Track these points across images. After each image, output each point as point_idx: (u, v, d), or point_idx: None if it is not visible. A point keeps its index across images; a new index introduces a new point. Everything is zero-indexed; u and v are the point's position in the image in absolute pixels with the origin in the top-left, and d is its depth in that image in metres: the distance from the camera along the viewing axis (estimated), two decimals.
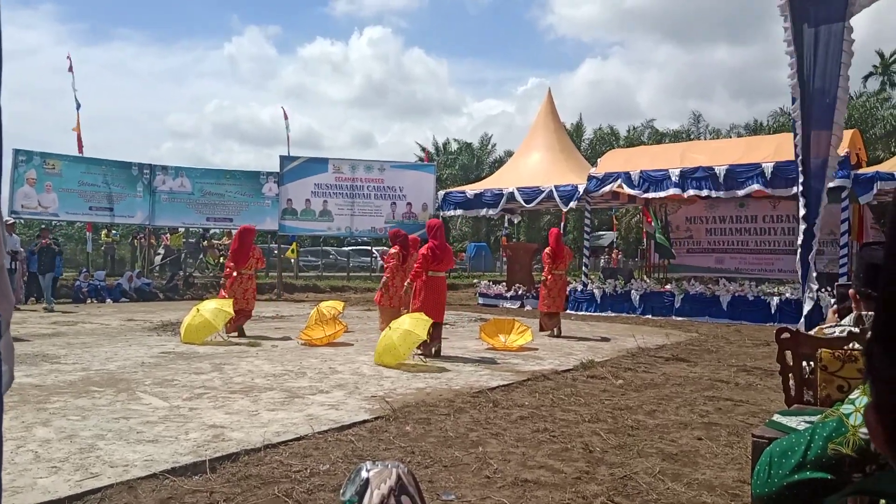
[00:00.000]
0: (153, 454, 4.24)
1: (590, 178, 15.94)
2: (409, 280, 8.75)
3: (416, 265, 8.69)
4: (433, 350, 8.65)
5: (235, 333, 10.09)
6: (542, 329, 11.02)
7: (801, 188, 5.12)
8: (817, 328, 3.28)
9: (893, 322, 0.63)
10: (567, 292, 11.29)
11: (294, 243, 22.54)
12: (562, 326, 11.13)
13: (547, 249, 11.22)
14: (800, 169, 5.10)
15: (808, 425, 2.25)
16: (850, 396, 1.74)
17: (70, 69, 19.34)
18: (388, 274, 9.69)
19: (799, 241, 5.12)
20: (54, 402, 5.59)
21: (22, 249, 15.28)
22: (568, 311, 14.80)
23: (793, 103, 5.18)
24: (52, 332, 10.47)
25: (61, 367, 7.33)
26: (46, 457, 4.14)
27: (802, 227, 5.08)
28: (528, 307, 16.55)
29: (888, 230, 0.66)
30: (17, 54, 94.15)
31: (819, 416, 2.19)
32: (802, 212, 5.07)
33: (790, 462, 1.97)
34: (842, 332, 2.84)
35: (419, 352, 8.51)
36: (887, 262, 0.64)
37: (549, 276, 11.00)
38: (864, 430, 1.87)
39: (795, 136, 5.21)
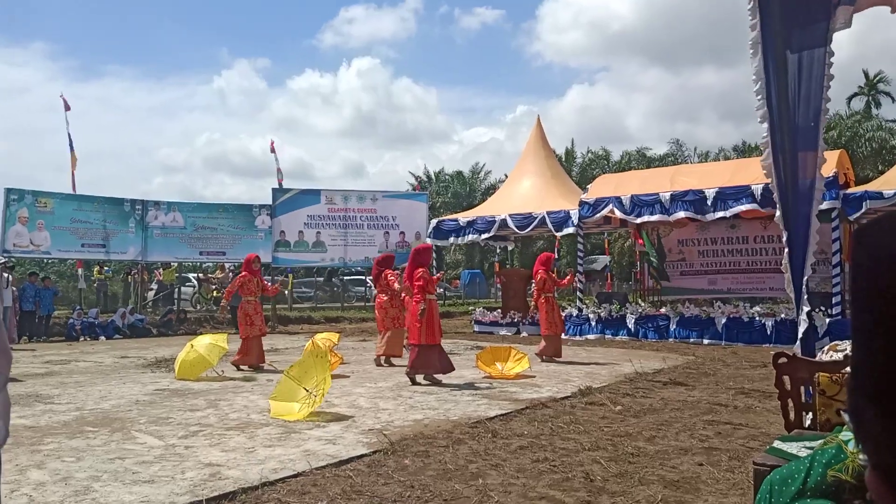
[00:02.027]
0: (149, 495, 4.19)
1: (581, 203, 16.04)
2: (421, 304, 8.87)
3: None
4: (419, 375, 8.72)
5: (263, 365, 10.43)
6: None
7: (781, 211, 5.17)
8: (829, 346, 3.27)
9: (892, 378, 0.59)
10: (556, 315, 11.29)
11: (290, 275, 22.58)
12: (556, 352, 11.12)
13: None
14: (776, 194, 5.16)
15: (808, 451, 2.25)
16: None
17: (67, 109, 19.41)
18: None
19: (785, 263, 5.15)
20: (48, 444, 5.53)
21: (14, 289, 15.20)
22: (563, 336, 14.77)
23: (770, 126, 5.23)
24: (45, 371, 10.38)
25: (55, 407, 7.25)
26: (41, 500, 4.08)
27: (787, 249, 5.12)
28: (523, 334, 16.52)
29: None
30: (7, 93, 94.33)
31: (819, 442, 2.19)
32: (786, 234, 5.12)
33: (790, 490, 1.97)
34: (829, 358, 2.85)
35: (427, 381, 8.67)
36: (884, 308, 0.61)
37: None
38: (864, 456, 1.87)
39: (775, 159, 5.25)
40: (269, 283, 11.99)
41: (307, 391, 6.65)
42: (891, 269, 0.59)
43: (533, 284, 11.81)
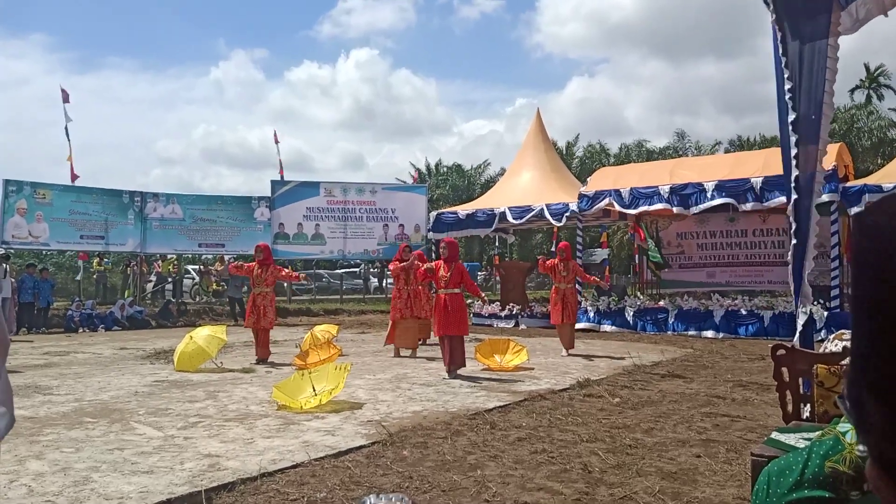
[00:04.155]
0: (148, 485, 4.19)
1: (581, 196, 16.03)
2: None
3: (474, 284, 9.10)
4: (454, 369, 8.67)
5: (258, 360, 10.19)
6: None
7: (792, 203, 5.16)
8: (835, 335, 3.27)
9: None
10: (555, 305, 11.18)
11: (290, 267, 22.55)
12: (564, 343, 11.10)
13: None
14: (792, 185, 5.14)
15: (806, 443, 2.26)
16: None
17: (65, 100, 19.38)
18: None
19: (790, 256, 5.14)
20: (47, 435, 5.54)
21: (13, 280, 15.19)
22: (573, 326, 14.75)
23: (781, 118, 5.23)
24: (44, 362, 10.39)
25: (54, 398, 7.26)
26: (40, 491, 4.09)
27: (793, 241, 5.11)
28: (522, 326, 16.53)
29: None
30: (6, 85, 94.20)
31: (817, 434, 2.20)
32: (794, 227, 5.09)
33: (788, 481, 1.97)
34: (836, 347, 2.85)
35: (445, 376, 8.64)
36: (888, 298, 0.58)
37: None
38: (861, 447, 1.87)
39: (787, 150, 5.24)
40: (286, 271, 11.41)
41: (314, 392, 6.67)
42: (894, 252, 0.58)
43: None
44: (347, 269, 31.35)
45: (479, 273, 33.35)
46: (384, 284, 29.98)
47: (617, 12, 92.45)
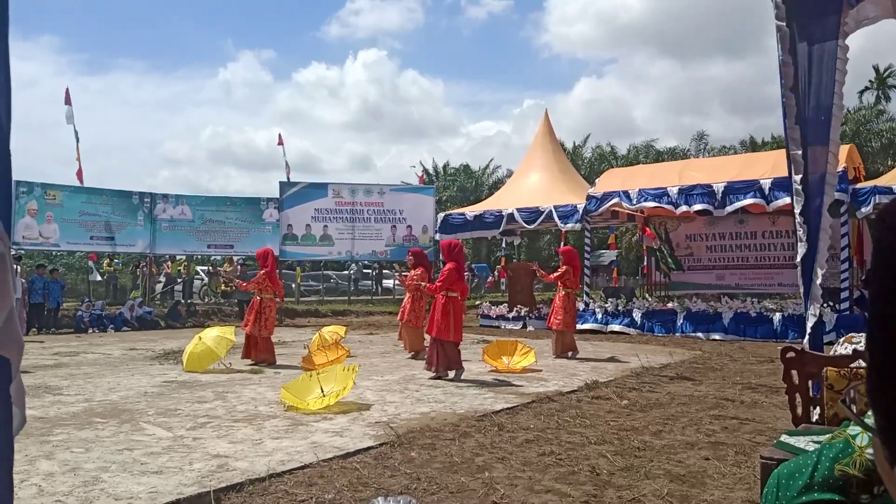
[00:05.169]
0: (157, 486, 4.21)
1: (589, 197, 16.00)
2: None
3: (438, 282, 8.66)
4: (448, 372, 8.59)
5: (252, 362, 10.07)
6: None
7: (800, 206, 5.12)
8: (845, 338, 3.25)
9: None
10: (563, 309, 11.05)
11: (297, 268, 22.68)
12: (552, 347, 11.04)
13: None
14: (798, 186, 5.10)
15: (816, 446, 2.25)
16: None
17: (68, 101, 19.56)
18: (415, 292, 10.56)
19: (798, 258, 5.11)
20: (57, 435, 5.57)
21: (23, 280, 15.28)
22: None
23: (786, 120, 5.19)
24: (53, 362, 10.45)
25: (64, 398, 7.30)
26: (50, 490, 4.11)
27: (801, 244, 5.07)
28: (530, 328, 16.51)
29: None
30: (16, 86, 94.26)
31: (826, 437, 2.19)
32: (801, 230, 5.06)
33: (798, 484, 1.96)
34: (846, 350, 2.84)
35: (432, 374, 8.55)
36: None
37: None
38: (871, 450, 1.86)
39: (791, 152, 5.21)
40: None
41: (322, 393, 6.68)
42: None
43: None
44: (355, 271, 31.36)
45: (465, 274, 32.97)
46: (378, 288, 29.90)
47: (625, 12, 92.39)
